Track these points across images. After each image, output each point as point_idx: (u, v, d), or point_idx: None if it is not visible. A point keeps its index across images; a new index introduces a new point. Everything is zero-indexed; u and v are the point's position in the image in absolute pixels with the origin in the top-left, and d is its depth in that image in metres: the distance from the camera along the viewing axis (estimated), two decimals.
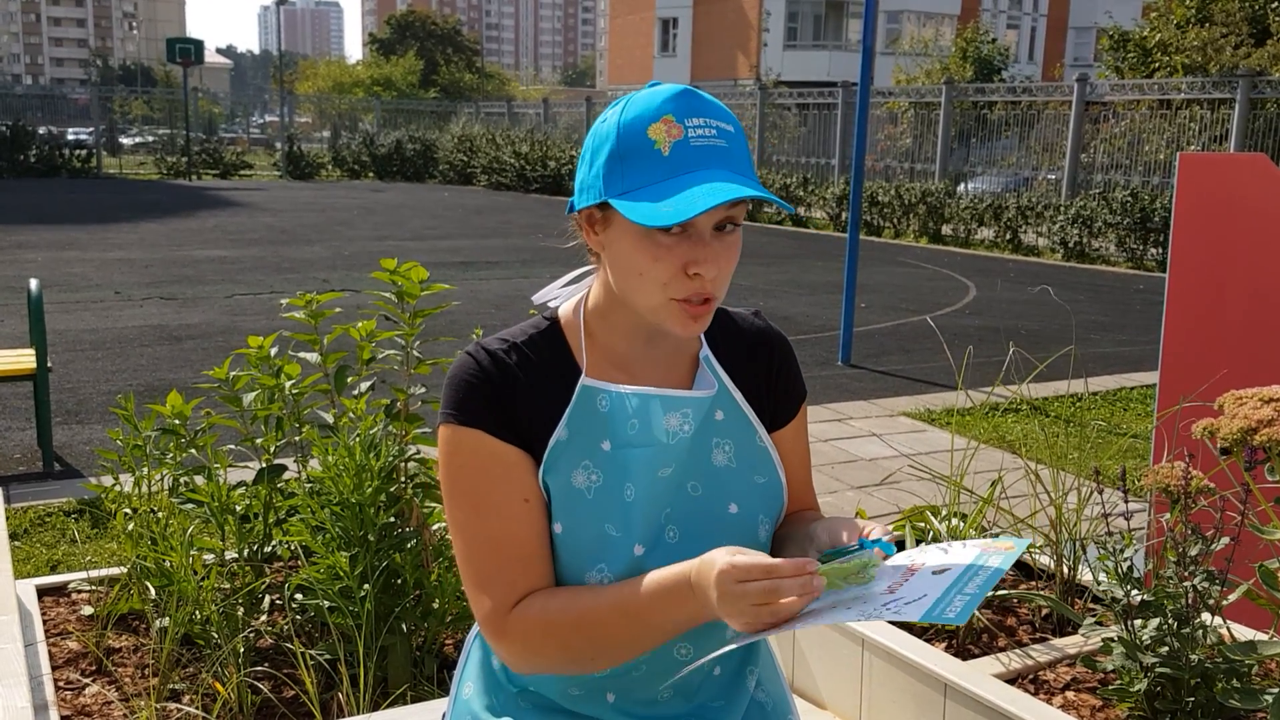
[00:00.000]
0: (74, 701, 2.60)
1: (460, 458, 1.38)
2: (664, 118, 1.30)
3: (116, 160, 32.67)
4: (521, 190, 28.67)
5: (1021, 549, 1.28)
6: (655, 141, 1.29)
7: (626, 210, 1.27)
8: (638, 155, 1.29)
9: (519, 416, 1.39)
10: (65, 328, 8.71)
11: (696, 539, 1.42)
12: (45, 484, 4.98)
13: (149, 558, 2.83)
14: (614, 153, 1.31)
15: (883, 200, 19.57)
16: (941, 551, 1.31)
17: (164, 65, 65.44)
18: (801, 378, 1.60)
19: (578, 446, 1.39)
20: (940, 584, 1.22)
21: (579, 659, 1.37)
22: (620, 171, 1.30)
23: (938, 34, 38.87)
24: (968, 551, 1.29)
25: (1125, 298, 12.42)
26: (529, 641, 1.36)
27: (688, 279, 1.31)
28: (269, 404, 2.99)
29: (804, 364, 8.11)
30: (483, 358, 1.41)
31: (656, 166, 1.28)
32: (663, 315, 1.34)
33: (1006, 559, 1.25)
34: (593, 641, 1.34)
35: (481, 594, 1.38)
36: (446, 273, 12.19)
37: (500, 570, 1.37)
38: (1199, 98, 16.81)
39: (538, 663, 1.39)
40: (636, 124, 1.30)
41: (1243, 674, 1.93)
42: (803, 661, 2.75)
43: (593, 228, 1.38)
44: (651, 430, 1.42)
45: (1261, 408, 1.71)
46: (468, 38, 71.54)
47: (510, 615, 1.37)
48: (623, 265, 1.34)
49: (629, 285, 1.35)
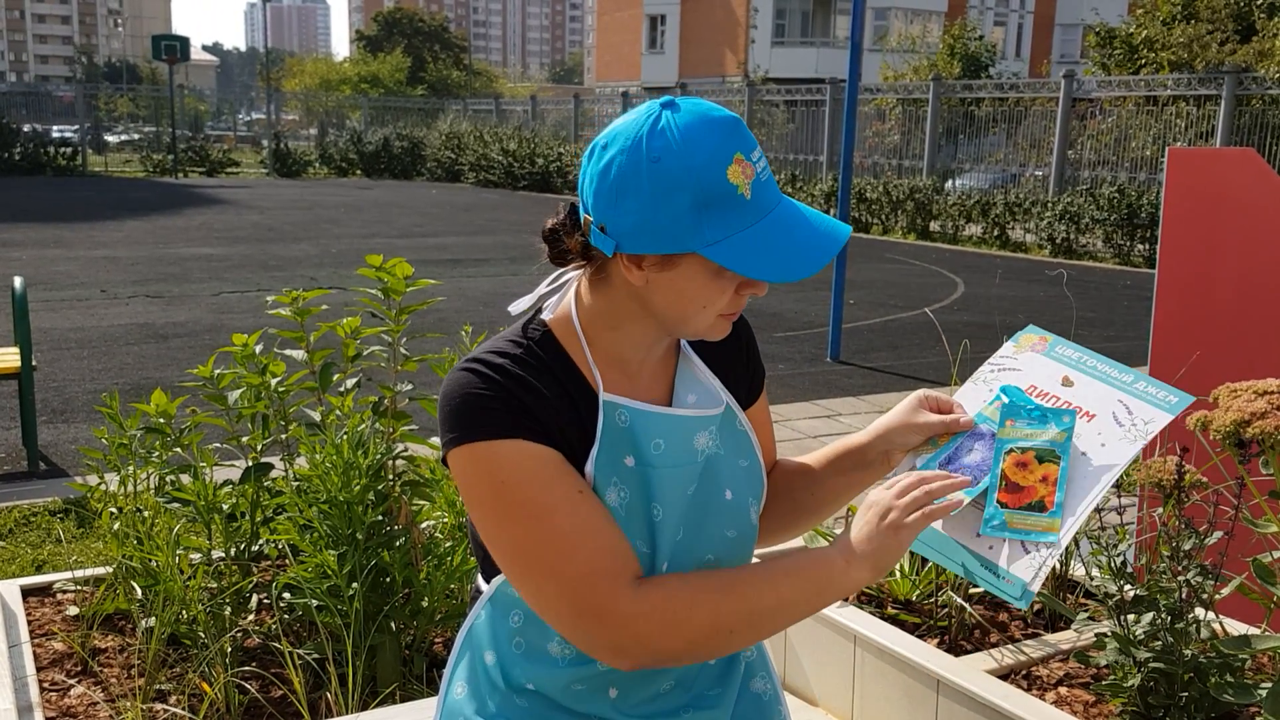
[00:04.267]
0: (59, 703, 2.57)
1: (501, 473, 1.30)
2: (736, 157, 1.26)
3: (102, 158, 32.52)
4: (509, 188, 28.62)
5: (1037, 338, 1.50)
6: (738, 187, 1.26)
7: (730, 263, 1.26)
8: (725, 203, 1.25)
9: (544, 424, 1.34)
10: (50, 326, 8.65)
11: (697, 529, 1.42)
12: (30, 483, 4.95)
13: (135, 557, 2.81)
14: (696, 202, 1.25)
15: (871, 197, 19.59)
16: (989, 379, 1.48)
17: (149, 62, 65.21)
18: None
19: (607, 462, 1.37)
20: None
21: (721, 631, 1.30)
22: (709, 221, 1.26)
23: (925, 30, 38.89)
24: (1036, 360, 1.47)
25: (1113, 294, 12.45)
26: (669, 616, 1.29)
27: (738, 298, 1.34)
28: (255, 402, 2.97)
29: (793, 360, 8.15)
30: (486, 370, 1.34)
31: (745, 212, 1.26)
32: (707, 331, 1.36)
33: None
34: (744, 604, 1.30)
35: (587, 592, 1.29)
36: (434, 270, 12.16)
37: (598, 559, 1.30)
38: (1185, 94, 16.87)
39: (671, 641, 1.30)
40: (712, 170, 1.25)
41: (1236, 668, 1.92)
42: (794, 659, 2.74)
43: (639, 265, 1.31)
44: (682, 451, 1.42)
45: (1255, 400, 1.70)
46: (455, 35, 71.47)
47: (638, 595, 1.29)
48: (685, 301, 1.32)
49: (686, 314, 1.34)
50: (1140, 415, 1.35)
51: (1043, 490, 1.33)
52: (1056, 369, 1.45)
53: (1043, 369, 1.46)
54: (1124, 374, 1.41)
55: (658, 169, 1.24)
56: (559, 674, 1.44)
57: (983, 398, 1.46)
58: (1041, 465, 1.34)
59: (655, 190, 1.25)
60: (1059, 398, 1.41)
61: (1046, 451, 1.35)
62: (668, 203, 1.25)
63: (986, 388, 1.47)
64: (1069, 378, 1.43)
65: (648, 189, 1.25)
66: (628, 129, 1.28)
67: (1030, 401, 1.41)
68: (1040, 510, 1.33)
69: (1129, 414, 1.36)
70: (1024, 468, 1.35)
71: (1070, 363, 1.45)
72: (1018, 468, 1.35)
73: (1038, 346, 1.48)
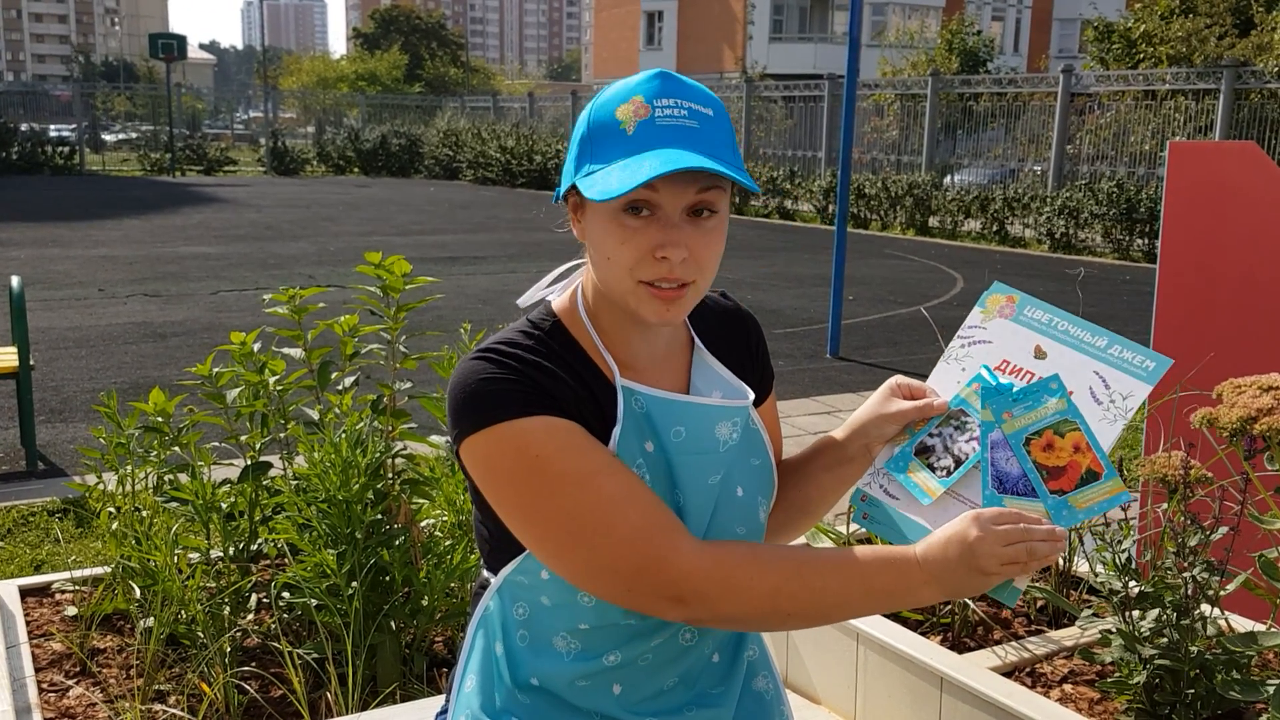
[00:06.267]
0: (58, 704, 2.56)
1: (535, 448, 1.28)
2: (633, 99, 1.29)
3: (99, 157, 32.47)
4: (507, 185, 28.59)
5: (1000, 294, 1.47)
6: (622, 122, 1.28)
7: (583, 187, 1.28)
8: (604, 135, 1.29)
9: (563, 403, 1.33)
10: (48, 325, 8.63)
11: (711, 525, 1.42)
12: (28, 483, 4.93)
13: (133, 557, 2.79)
14: (584, 136, 1.31)
15: (869, 193, 19.56)
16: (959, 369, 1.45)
17: (147, 61, 65.15)
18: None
19: (629, 444, 1.36)
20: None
21: (778, 610, 1.28)
22: (589, 153, 1.30)
23: (923, 26, 38.87)
24: (1005, 329, 1.44)
25: (1112, 289, 12.44)
26: (734, 582, 1.27)
27: (655, 262, 1.29)
28: (253, 401, 2.95)
29: (792, 356, 8.13)
30: (499, 356, 1.33)
31: (619, 145, 1.28)
32: (633, 301, 1.32)
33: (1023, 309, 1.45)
34: (805, 592, 1.27)
35: (648, 545, 1.27)
36: (432, 268, 12.13)
37: (648, 512, 1.28)
38: (1184, 88, 16.85)
39: (730, 604, 1.28)
40: (607, 106, 1.30)
41: (1242, 665, 1.91)
42: (796, 656, 2.73)
43: (576, 216, 1.37)
44: (703, 439, 1.41)
45: (1261, 396, 1.69)
46: (452, 32, 71.39)
47: (704, 552, 1.28)
48: (594, 250, 1.34)
49: (601, 271, 1.34)
50: (1118, 388, 1.32)
51: (1083, 459, 1.31)
52: (1028, 337, 1.41)
53: (1013, 338, 1.42)
54: (1097, 337, 1.37)
55: (581, 115, 1.34)
56: (564, 669, 1.43)
57: (956, 378, 1.45)
58: (1065, 438, 1.32)
59: (573, 134, 1.35)
60: (1033, 373, 1.38)
61: (1061, 423, 1.33)
62: (573, 142, 1.33)
63: (959, 366, 1.45)
64: (1041, 347, 1.39)
65: (572, 134, 1.35)
66: None
67: (1008, 386, 1.39)
68: (1094, 480, 1.31)
69: (1106, 388, 1.33)
70: (1051, 449, 1.33)
71: (1041, 327, 1.41)
72: (1046, 451, 1.33)
73: (1005, 310, 1.45)
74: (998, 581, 1.28)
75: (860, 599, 1.29)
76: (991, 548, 1.26)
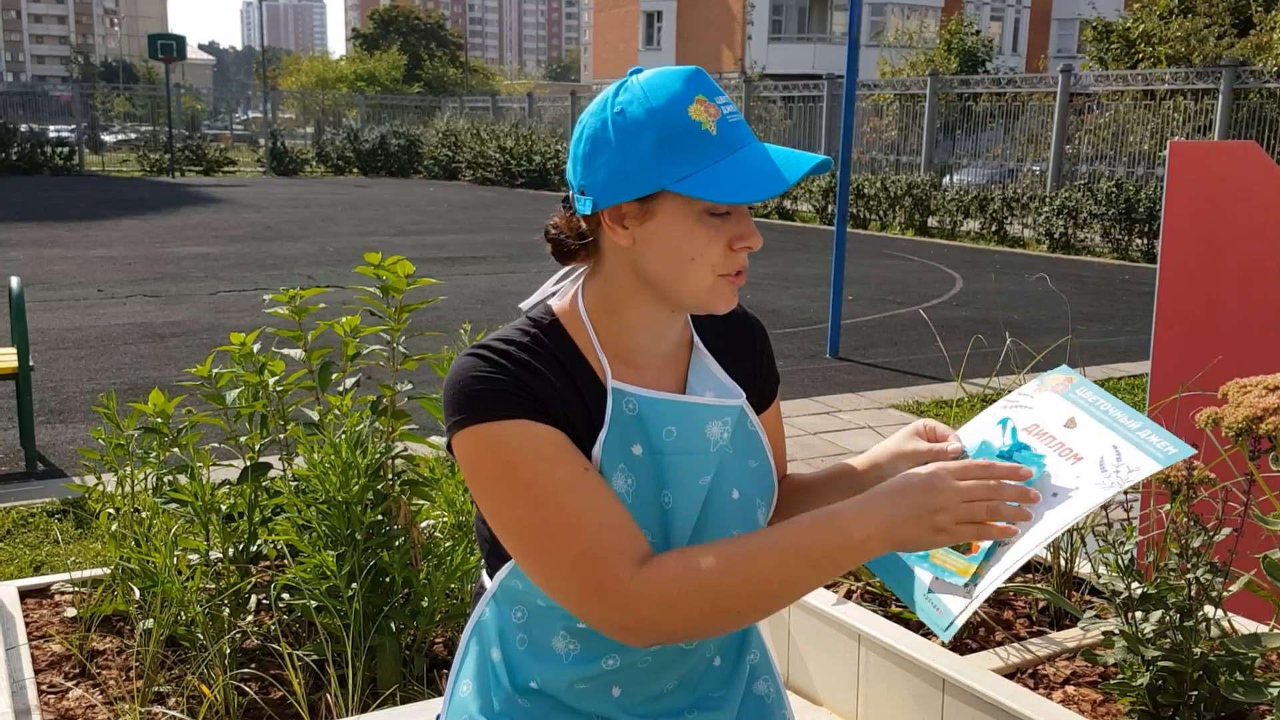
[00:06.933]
0: (57, 705, 2.55)
1: (507, 452, 1.29)
2: (697, 98, 1.28)
3: (99, 158, 32.46)
4: (507, 185, 28.59)
5: (1081, 378, 1.42)
6: (701, 123, 1.27)
7: (695, 191, 1.25)
8: (688, 139, 1.27)
9: (549, 407, 1.33)
10: (48, 326, 8.62)
11: (704, 527, 1.41)
12: (28, 484, 4.92)
13: (133, 558, 2.78)
14: (660, 140, 1.27)
15: (869, 193, 19.55)
16: (1016, 411, 1.42)
17: (146, 62, 65.17)
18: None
19: (614, 449, 1.36)
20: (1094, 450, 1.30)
21: (724, 611, 1.27)
22: (674, 158, 1.27)
23: (922, 26, 38.84)
24: (1050, 400, 1.40)
25: (1111, 288, 12.43)
26: (670, 597, 1.26)
27: (734, 254, 1.33)
28: (253, 401, 2.95)
29: (792, 357, 8.13)
30: (491, 355, 1.34)
31: (710, 147, 1.27)
32: (709, 296, 1.35)
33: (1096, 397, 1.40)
34: (746, 584, 1.24)
35: (591, 570, 1.26)
36: (432, 268, 12.13)
37: (602, 538, 1.28)
38: (1183, 88, 16.84)
39: (675, 622, 1.27)
40: (673, 109, 1.28)
41: (1246, 667, 1.91)
42: (798, 657, 2.72)
43: (621, 223, 1.32)
44: (693, 439, 1.40)
45: (1266, 395, 1.68)
46: (451, 32, 71.39)
47: (640, 575, 1.26)
48: (672, 253, 1.32)
49: (679, 273, 1.32)
50: (1128, 461, 1.27)
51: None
52: (1067, 410, 1.38)
53: (1053, 409, 1.40)
54: (1133, 420, 1.33)
55: (621, 119, 1.29)
56: (563, 672, 1.43)
57: (983, 432, 1.44)
58: None
59: (621, 138, 1.29)
60: (1054, 437, 1.35)
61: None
62: (634, 147, 1.28)
63: (994, 419, 1.44)
64: (1074, 419, 1.36)
65: (615, 139, 1.29)
66: (597, 101, 1.35)
67: (1006, 450, 1.36)
68: (965, 551, 1.30)
69: (1117, 460, 1.28)
70: None
71: (1083, 404, 1.38)
72: None
73: (1059, 387, 1.43)
74: (949, 542, 1.23)
75: (802, 573, 1.25)
76: (950, 500, 1.21)
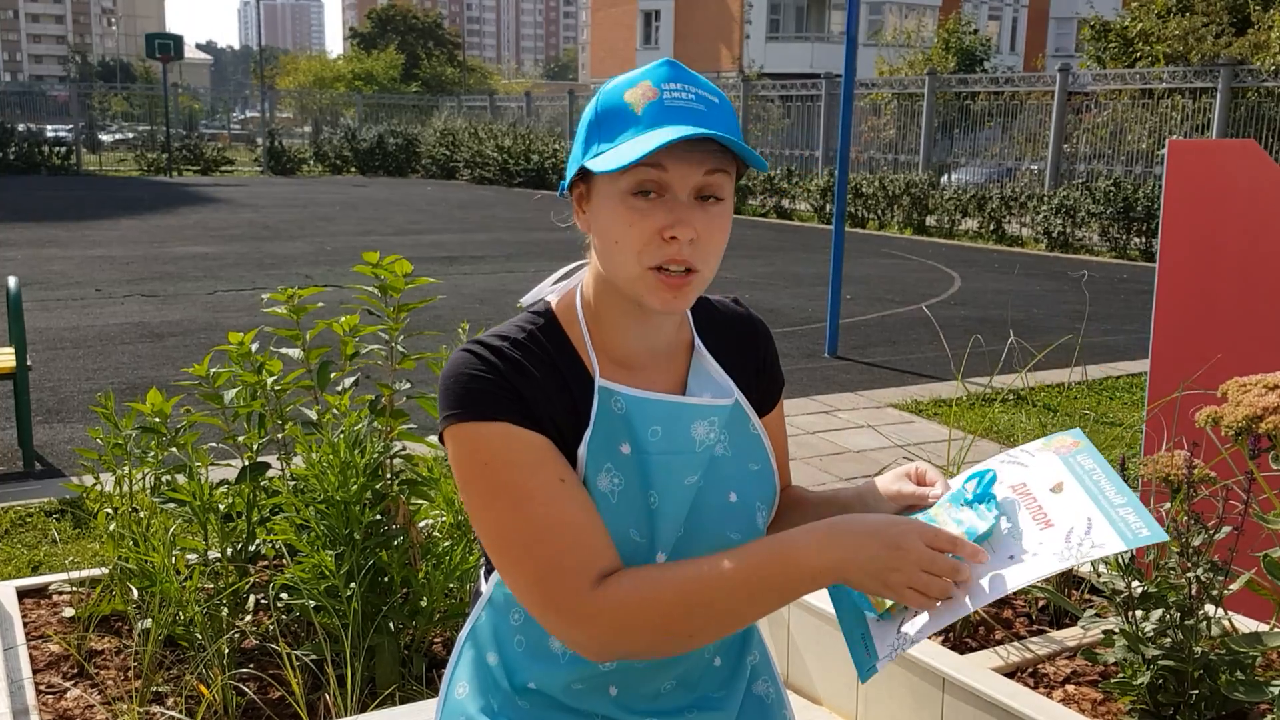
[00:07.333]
0: (55, 706, 2.55)
1: (485, 454, 1.30)
2: (642, 84, 1.31)
3: (96, 157, 32.41)
4: (505, 184, 28.58)
5: (1086, 441, 1.38)
6: (631, 104, 1.30)
7: (592, 165, 1.29)
8: (612, 117, 1.31)
9: (535, 409, 1.33)
10: (45, 326, 8.61)
11: (700, 530, 1.40)
12: (26, 484, 4.92)
13: (131, 558, 2.78)
14: (592, 121, 1.33)
15: (867, 192, 19.55)
16: (1014, 468, 1.39)
17: (143, 61, 65.11)
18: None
19: (600, 448, 1.36)
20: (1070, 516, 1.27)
21: (675, 635, 1.27)
22: (596, 136, 1.32)
23: (920, 25, 38.86)
24: (1048, 461, 1.36)
25: (1110, 287, 12.43)
26: (622, 620, 1.26)
27: (663, 244, 1.29)
28: (251, 401, 2.94)
29: (791, 356, 8.12)
30: (484, 352, 1.34)
31: (628, 124, 1.29)
32: (640, 288, 1.31)
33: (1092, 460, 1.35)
34: (696, 610, 1.25)
35: (550, 585, 1.28)
36: (430, 267, 12.12)
37: (564, 554, 1.28)
38: (1181, 87, 16.84)
39: (628, 643, 1.28)
40: (615, 92, 1.32)
41: (1246, 666, 1.90)
42: (798, 657, 2.72)
43: (581, 207, 1.38)
44: (679, 439, 1.40)
45: (1266, 394, 1.68)
46: (449, 31, 71.38)
47: (594, 596, 1.27)
48: (602, 236, 1.33)
49: (609, 257, 1.33)
50: (1095, 536, 1.24)
51: None
52: (1059, 473, 1.35)
53: (1045, 470, 1.37)
54: (1119, 494, 1.29)
55: (588, 107, 1.36)
56: (560, 672, 1.43)
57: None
58: None
59: (580, 127, 1.36)
60: (1035, 499, 1.32)
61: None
62: (581, 130, 1.36)
63: (984, 469, 1.41)
64: (1063, 484, 1.33)
65: (579, 128, 1.37)
66: None
67: (974, 498, 1.35)
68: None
69: (1085, 533, 1.25)
70: None
71: (1077, 471, 1.34)
72: None
73: (1062, 449, 1.39)
74: (891, 598, 1.23)
75: (752, 603, 1.26)
76: (909, 565, 1.21)
